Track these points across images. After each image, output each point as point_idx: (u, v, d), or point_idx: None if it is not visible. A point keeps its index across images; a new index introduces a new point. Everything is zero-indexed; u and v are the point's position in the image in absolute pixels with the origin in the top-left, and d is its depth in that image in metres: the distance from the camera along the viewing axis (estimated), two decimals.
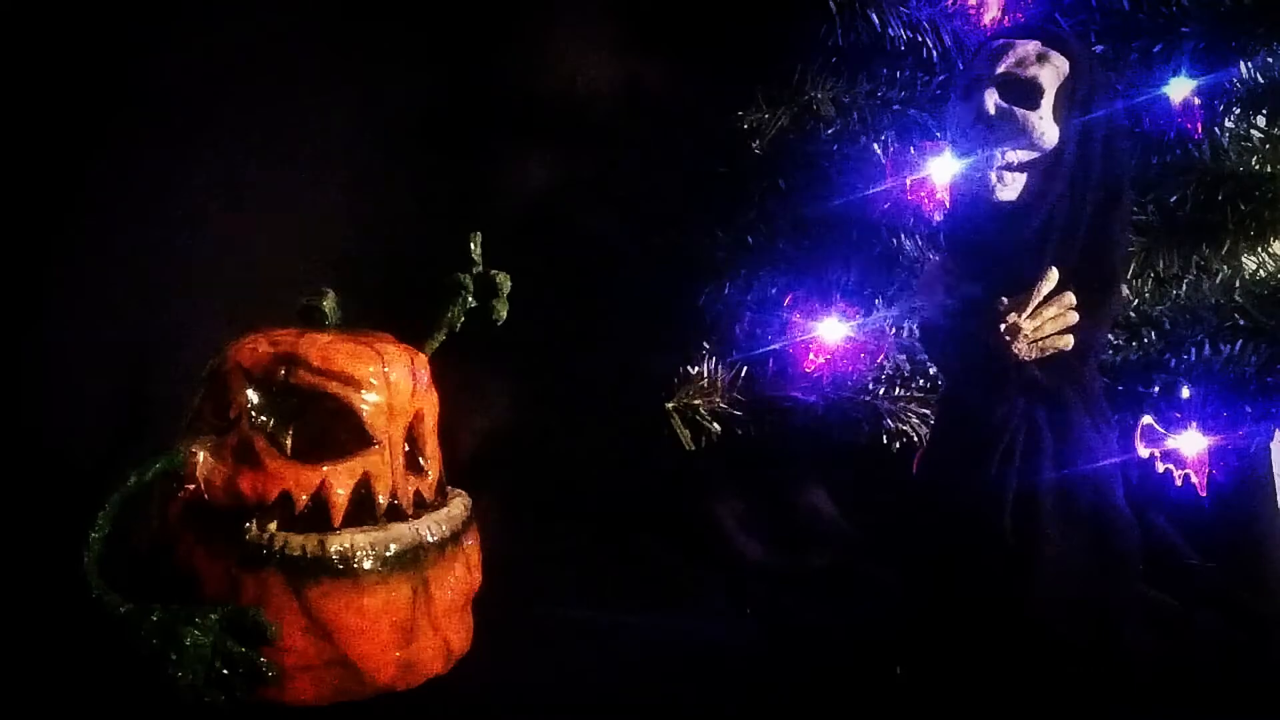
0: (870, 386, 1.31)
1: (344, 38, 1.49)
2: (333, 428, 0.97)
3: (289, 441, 0.96)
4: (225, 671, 0.93)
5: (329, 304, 1.03)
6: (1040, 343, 0.96)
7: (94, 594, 0.93)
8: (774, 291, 1.36)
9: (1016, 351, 0.96)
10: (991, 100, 0.96)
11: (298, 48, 1.47)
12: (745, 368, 1.35)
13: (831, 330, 1.31)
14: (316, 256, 1.48)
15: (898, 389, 1.30)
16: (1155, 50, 1.21)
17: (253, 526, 0.95)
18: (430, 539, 0.99)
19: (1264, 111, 1.20)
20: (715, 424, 1.34)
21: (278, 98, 1.47)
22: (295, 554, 0.94)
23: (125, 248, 1.44)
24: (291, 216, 1.48)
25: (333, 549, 0.95)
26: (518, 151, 1.54)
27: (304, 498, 0.95)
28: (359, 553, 0.95)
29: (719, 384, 1.35)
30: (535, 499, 1.44)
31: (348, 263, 1.48)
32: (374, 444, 0.97)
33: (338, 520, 0.95)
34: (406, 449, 1.01)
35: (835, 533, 1.45)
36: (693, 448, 1.35)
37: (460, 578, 1.02)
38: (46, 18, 1.40)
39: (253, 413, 0.96)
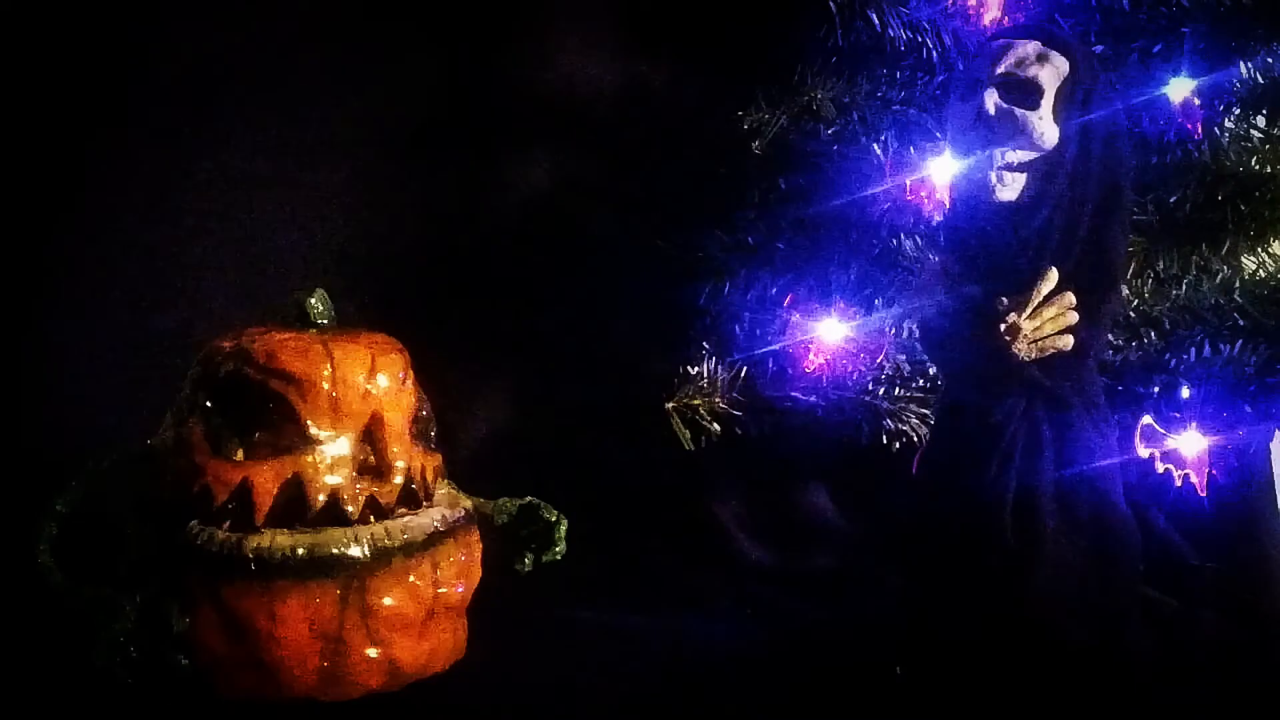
0: (870, 386, 1.30)
1: (344, 37, 1.48)
2: (276, 425, 0.96)
3: (237, 438, 0.96)
4: (139, 657, 0.94)
5: (317, 302, 1.02)
6: (1040, 343, 0.96)
7: (38, 560, 0.97)
8: (774, 291, 1.36)
9: (1016, 351, 0.96)
10: (991, 100, 0.96)
11: (298, 48, 1.46)
12: (745, 368, 1.35)
13: (831, 330, 1.31)
14: (317, 256, 1.48)
15: (898, 389, 1.30)
16: (1155, 50, 1.21)
17: (195, 522, 0.95)
18: (365, 551, 0.95)
19: (1264, 111, 1.20)
20: (715, 424, 1.34)
21: (278, 98, 1.46)
22: (214, 550, 0.94)
23: (125, 248, 1.44)
24: (292, 216, 1.48)
25: (248, 548, 0.93)
26: (518, 151, 1.54)
27: (223, 494, 0.94)
28: (277, 554, 0.93)
29: (719, 384, 1.34)
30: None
31: (348, 263, 1.48)
32: (311, 444, 0.95)
33: (259, 519, 0.94)
34: (366, 451, 0.98)
35: (835, 533, 1.45)
36: (693, 448, 1.35)
37: (417, 590, 0.97)
38: (46, 18, 1.40)
39: (200, 407, 0.97)
